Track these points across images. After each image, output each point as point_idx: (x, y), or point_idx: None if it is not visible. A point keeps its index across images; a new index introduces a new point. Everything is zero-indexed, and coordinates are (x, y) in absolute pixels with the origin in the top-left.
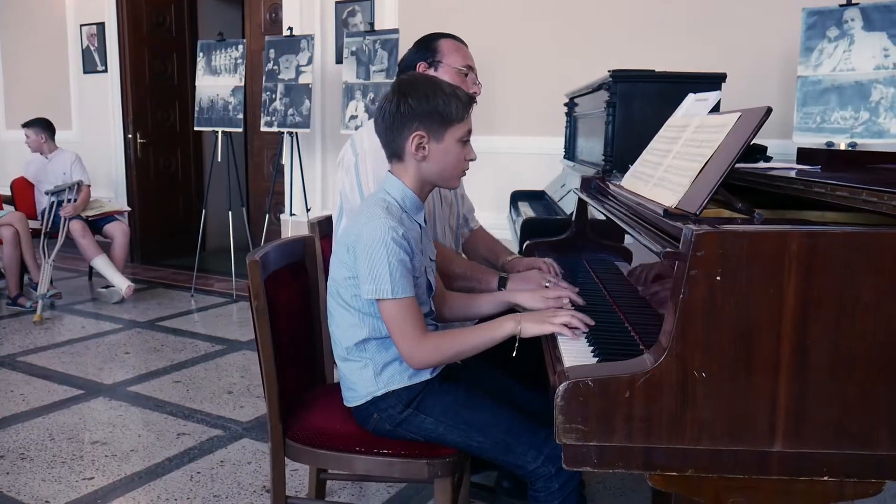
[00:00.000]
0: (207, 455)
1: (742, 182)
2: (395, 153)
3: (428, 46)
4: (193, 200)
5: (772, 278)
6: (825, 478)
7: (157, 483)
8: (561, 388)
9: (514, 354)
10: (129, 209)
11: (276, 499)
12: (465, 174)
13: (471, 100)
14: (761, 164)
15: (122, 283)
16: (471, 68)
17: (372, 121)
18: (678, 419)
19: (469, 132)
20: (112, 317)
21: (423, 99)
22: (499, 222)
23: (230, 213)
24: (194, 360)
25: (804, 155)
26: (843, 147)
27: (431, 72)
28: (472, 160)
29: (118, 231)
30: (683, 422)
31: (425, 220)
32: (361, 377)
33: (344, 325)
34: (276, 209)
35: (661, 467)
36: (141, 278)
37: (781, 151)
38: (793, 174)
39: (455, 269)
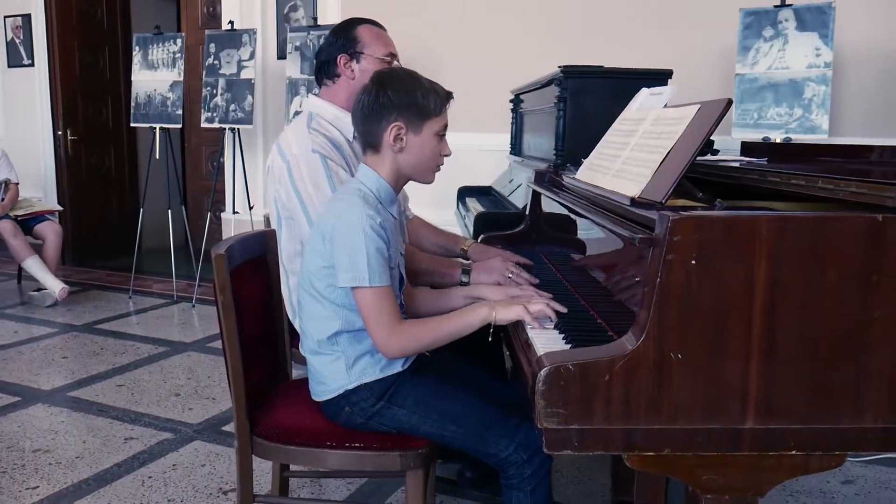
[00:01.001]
0: (158, 459)
1: (695, 174)
2: (371, 144)
3: (346, 36)
4: (128, 199)
5: (744, 262)
6: (793, 452)
7: (107, 489)
8: (542, 373)
9: (489, 340)
10: (60, 208)
11: (244, 499)
12: (439, 169)
13: (448, 95)
14: (710, 157)
15: (55, 286)
16: (394, 55)
17: (295, 122)
18: (655, 400)
19: (445, 127)
20: (46, 320)
21: (403, 91)
22: (446, 219)
23: (170, 212)
24: (137, 363)
25: (748, 148)
26: (778, 142)
27: (353, 64)
28: (447, 155)
29: (50, 231)
30: (660, 403)
31: (398, 213)
32: (333, 370)
33: (316, 318)
34: (217, 207)
35: (639, 448)
36: (74, 280)
37: (721, 146)
38: (742, 166)
39: (419, 264)
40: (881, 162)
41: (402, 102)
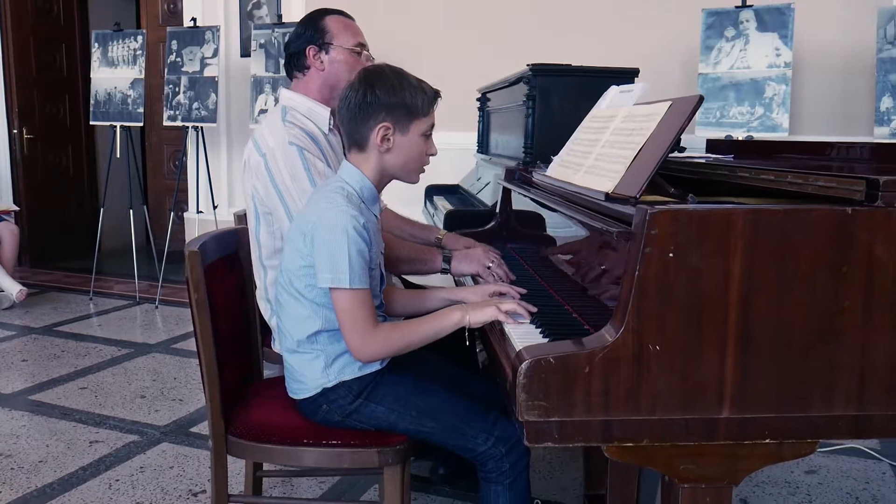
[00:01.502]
0: (125, 462)
1: (664, 170)
2: (356, 143)
3: (314, 27)
4: (87, 199)
5: (719, 254)
6: (766, 440)
7: (73, 493)
8: (523, 366)
9: (467, 343)
10: (16, 208)
11: (219, 499)
12: (424, 171)
13: (436, 94)
14: (677, 154)
15: (12, 288)
16: (363, 46)
17: (269, 116)
18: (634, 391)
19: (432, 127)
20: (3, 323)
21: (391, 90)
22: (414, 217)
23: (131, 211)
24: (100, 366)
25: (713, 145)
26: (742, 139)
27: (323, 55)
28: (433, 155)
29: (6, 232)
30: (639, 394)
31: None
32: (311, 369)
33: (296, 318)
34: (179, 207)
35: (618, 439)
36: (32, 282)
37: (686, 144)
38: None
39: (400, 253)
40: (839, 158)
41: (390, 102)
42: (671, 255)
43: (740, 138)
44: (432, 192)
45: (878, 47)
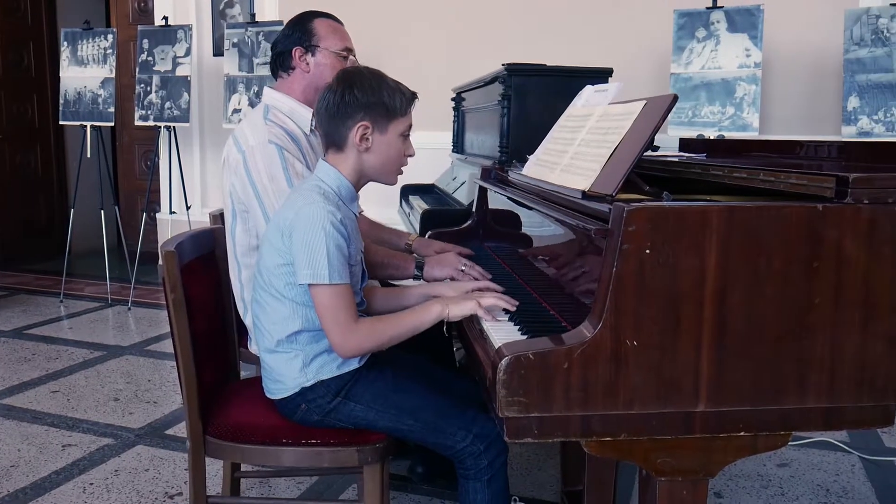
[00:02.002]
0: (99, 465)
1: (638, 169)
2: (334, 143)
3: (303, 28)
4: (57, 200)
5: (695, 250)
6: (741, 433)
7: (46, 498)
8: (503, 362)
9: (445, 334)
10: None
11: (197, 500)
12: (401, 172)
13: (413, 95)
14: (651, 153)
15: None
16: (350, 51)
17: (251, 114)
18: (612, 387)
19: (409, 127)
20: None
21: (369, 90)
22: (390, 217)
23: (102, 212)
24: (72, 369)
25: (686, 144)
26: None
27: (309, 57)
28: (411, 156)
29: None
30: (617, 389)
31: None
32: (289, 368)
33: (275, 317)
34: (151, 208)
35: (596, 434)
36: (0, 285)
37: (659, 144)
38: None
39: (373, 257)
40: (809, 156)
41: (368, 102)
42: (647, 251)
43: (712, 137)
44: (408, 191)
45: (846, 48)
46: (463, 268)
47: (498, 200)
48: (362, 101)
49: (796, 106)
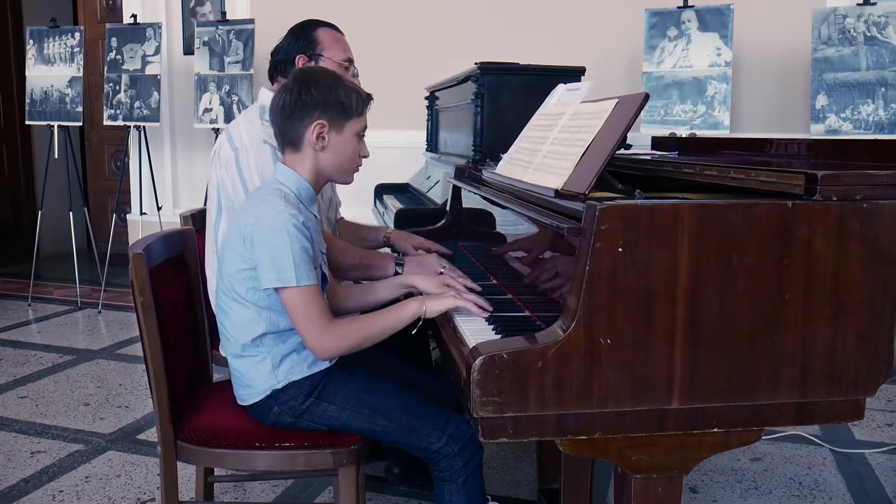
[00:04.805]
0: (69, 472)
1: (611, 167)
2: (291, 142)
3: (306, 37)
4: (23, 202)
5: (667, 248)
6: (715, 429)
7: None
8: (477, 362)
9: (413, 332)
10: None
11: None
12: (357, 170)
13: (369, 97)
14: (623, 151)
15: None
16: (351, 61)
17: (246, 112)
18: (586, 385)
19: (365, 128)
20: None
21: (326, 89)
22: (364, 216)
23: (71, 214)
24: (41, 374)
25: (658, 142)
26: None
27: (311, 65)
28: (365, 157)
29: None
30: (591, 387)
31: (319, 212)
32: (259, 372)
33: (239, 322)
34: (122, 209)
35: (571, 432)
36: None
37: (631, 142)
38: (656, 159)
39: (349, 259)
40: (779, 154)
41: (325, 100)
42: (620, 249)
43: (684, 136)
44: (382, 191)
45: (814, 47)
46: (441, 271)
47: (472, 199)
48: (319, 100)
49: (766, 104)
